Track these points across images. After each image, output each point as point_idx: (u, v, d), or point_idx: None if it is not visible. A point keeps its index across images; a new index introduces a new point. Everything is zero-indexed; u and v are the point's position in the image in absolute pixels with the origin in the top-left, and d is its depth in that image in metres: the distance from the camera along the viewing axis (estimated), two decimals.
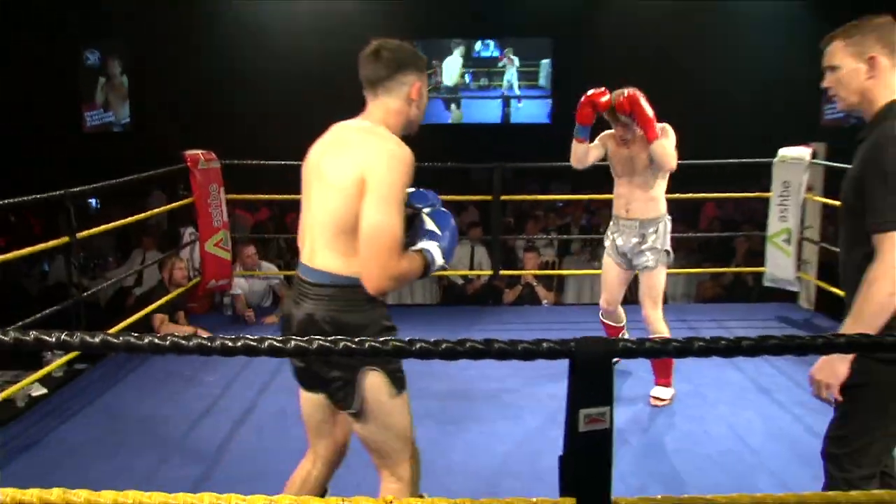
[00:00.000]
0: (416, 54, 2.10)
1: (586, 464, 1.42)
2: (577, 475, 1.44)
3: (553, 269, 7.26)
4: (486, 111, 14.01)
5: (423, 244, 2.03)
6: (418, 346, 1.35)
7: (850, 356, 1.95)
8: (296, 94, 12.07)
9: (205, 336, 1.38)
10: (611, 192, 3.99)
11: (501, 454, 3.35)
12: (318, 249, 2.00)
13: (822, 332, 5.05)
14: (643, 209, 3.82)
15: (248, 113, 11.98)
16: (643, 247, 3.83)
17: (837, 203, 5.63)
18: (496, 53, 13.88)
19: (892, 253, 1.84)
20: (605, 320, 4.20)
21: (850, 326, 1.93)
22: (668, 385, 3.94)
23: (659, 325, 3.83)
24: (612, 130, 3.87)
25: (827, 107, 15.16)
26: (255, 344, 1.37)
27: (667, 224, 3.87)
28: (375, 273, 1.89)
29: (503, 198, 5.90)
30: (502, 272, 6.01)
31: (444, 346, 1.35)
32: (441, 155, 7.51)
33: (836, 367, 1.96)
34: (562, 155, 4.04)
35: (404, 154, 1.95)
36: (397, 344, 1.36)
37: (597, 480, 1.43)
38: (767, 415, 3.78)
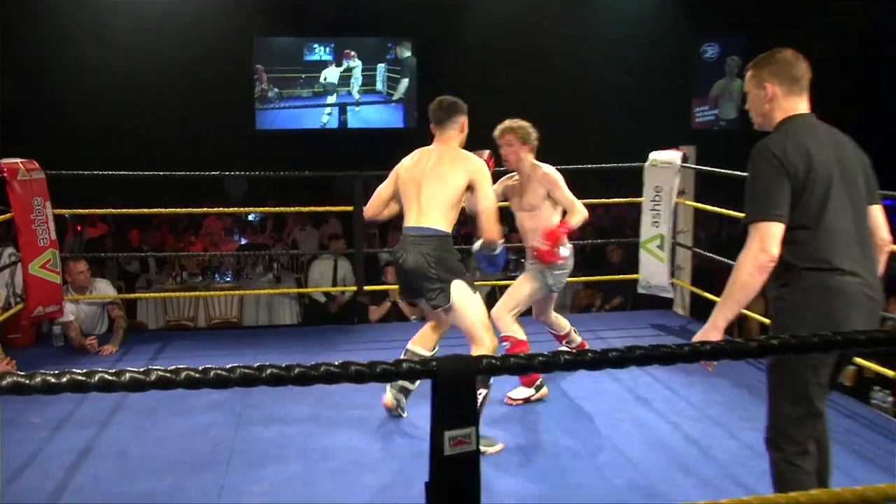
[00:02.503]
0: (461, 103, 3.73)
1: (454, 489, 1.45)
2: (445, 502, 1.46)
3: None
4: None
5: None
6: (268, 371, 1.34)
7: (723, 328, 2.51)
8: (132, 97, 11.69)
9: (21, 373, 1.31)
10: None
11: (370, 486, 3.34)
12: (425, 215, 3.59)
13: None
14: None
15: (75, 119, 11.51)
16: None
17: (709, 207, 5.99)
18: (328, 57, 15.03)
19: (754, 241, 2.41)
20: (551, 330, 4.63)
21: (721, 301, 2.50)
22: (530, 385, 4.23)
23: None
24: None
25: (697, 109, 16.08)
26: (83, 378, 1.32)
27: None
28: (496, 227, 3.60)
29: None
30: (367, 287, 6.00)
31: (296, 370, 1.35)
32: (310, 163, 7.48)
33: (710, 338, 2.48)
34: None
35: (482, 160, 3.71)
36: (245, 371, 1.34)
37: None
38: (646, 425, 3.95)
